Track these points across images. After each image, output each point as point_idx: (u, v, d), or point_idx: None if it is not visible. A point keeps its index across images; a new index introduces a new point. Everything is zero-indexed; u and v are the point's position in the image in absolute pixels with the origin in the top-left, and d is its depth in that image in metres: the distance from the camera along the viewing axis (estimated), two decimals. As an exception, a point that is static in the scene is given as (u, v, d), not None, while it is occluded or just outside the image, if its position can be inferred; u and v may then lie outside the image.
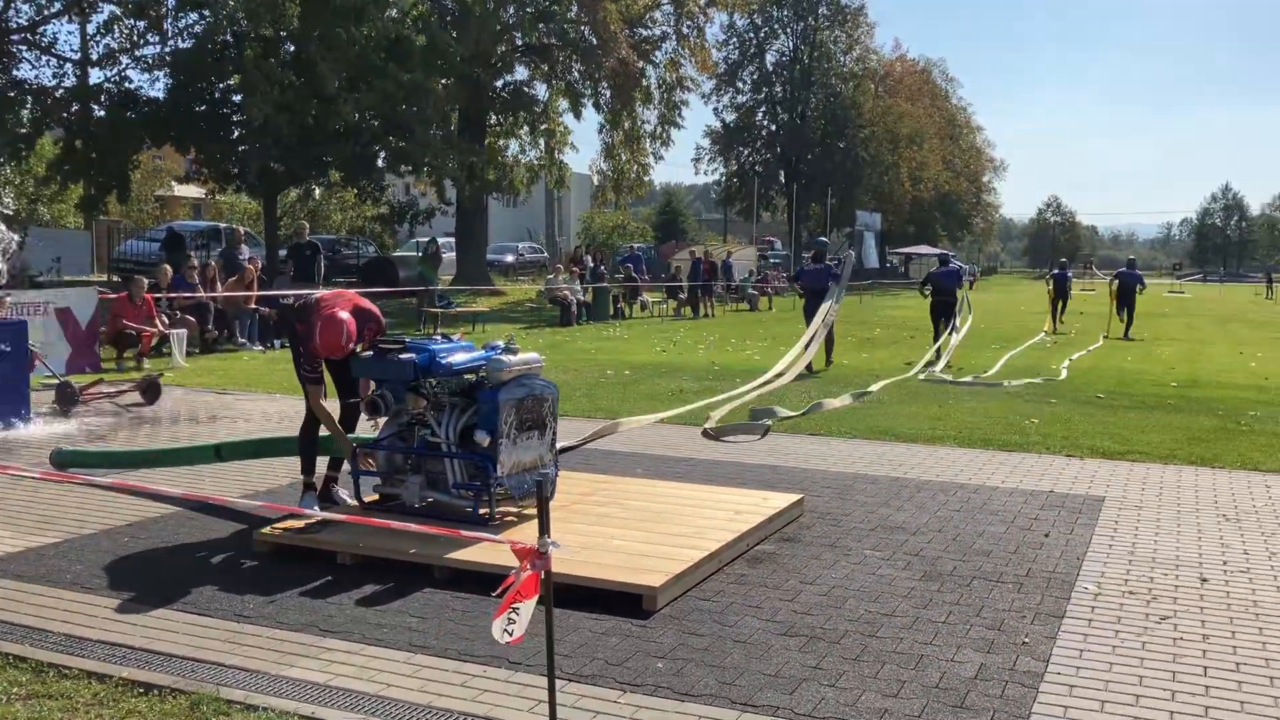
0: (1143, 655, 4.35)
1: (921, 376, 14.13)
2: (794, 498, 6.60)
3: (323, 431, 6.34)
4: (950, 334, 16.41)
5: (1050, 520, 6.56)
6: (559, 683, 3.62)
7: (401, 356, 5.94)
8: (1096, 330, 24.17)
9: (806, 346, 13.43)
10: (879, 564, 5.57)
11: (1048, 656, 4.32)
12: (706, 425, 9.73)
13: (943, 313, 16.95)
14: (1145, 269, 28.30)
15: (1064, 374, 14.78)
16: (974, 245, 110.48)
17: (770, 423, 9.92)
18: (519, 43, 33.00)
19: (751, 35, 67.72)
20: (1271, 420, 10.66)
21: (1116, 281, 25.24)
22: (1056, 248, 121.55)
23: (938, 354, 15.79)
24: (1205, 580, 5.37)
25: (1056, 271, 27.17)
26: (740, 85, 68.96)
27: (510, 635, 3.03)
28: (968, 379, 13.89)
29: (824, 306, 14.20)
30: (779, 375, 12.39)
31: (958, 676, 4.10)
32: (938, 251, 38.77)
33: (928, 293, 17.59)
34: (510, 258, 44.89)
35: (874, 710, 3.78)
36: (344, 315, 5.88)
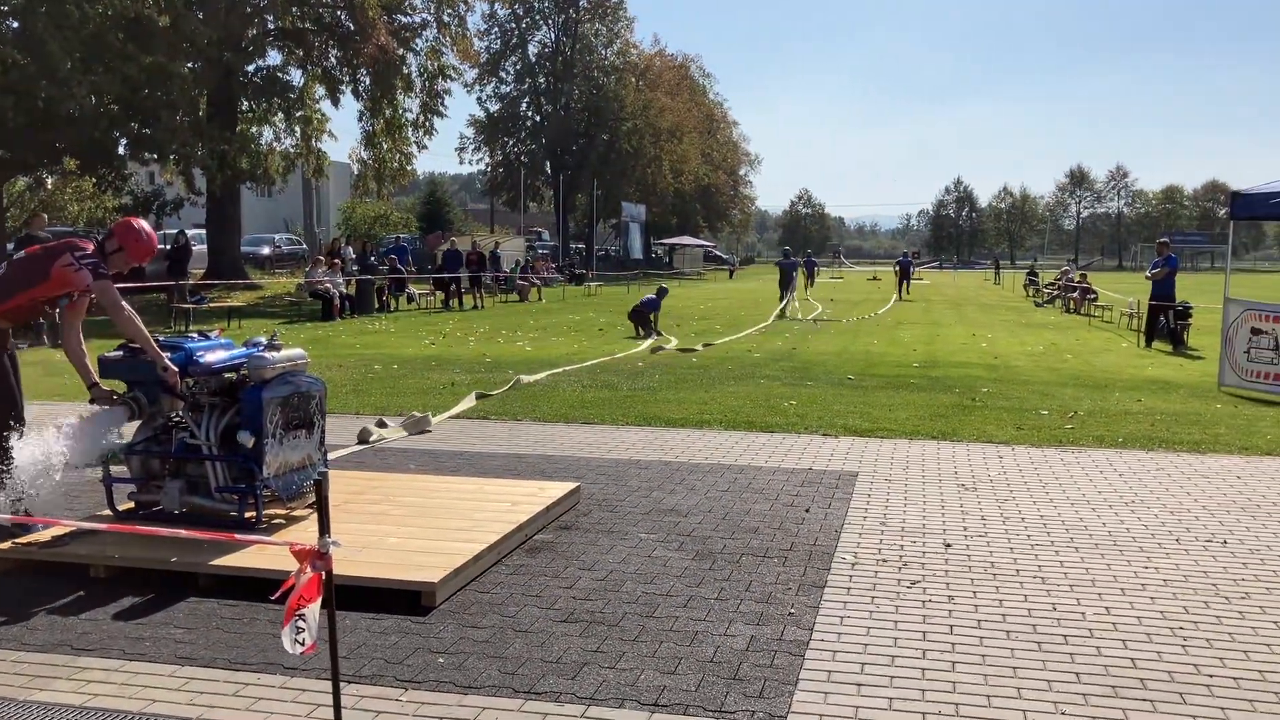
0: (896, 618, 4.68)
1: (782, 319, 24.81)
2: (570, 486, 6.68)
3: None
4: (790, 297, 28.83)
5: (810, 496, 6.93)
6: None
7: (155, 356, 5.62)
8: (879, 301, 30.90)
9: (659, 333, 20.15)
10: (654, 546, 5.73)
11: (812, 625, 4.57)
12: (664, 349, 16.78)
13: (785, 284, 29.33)
14: (889, 257, 37.91)
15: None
16: (733, 236, 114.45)
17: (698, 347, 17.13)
18: (271, 26, 31.60)
19: (513, 25, 67.54)
20: (1001, 396, 11.62)
21: (899, 266, 40.80)
22: (808, 238, 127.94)
23: (782, 312, 26.71)
24: (949, 546, 5.82)
25: (902, 258, 42.77)
26: (503, 75, 68.67)
27: (303, 645, 2.93)
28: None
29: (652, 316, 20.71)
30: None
31: (731, 649, 4.29)
32: (704, 243, 52.77)
33: (778, 267, 30.95)
34: (267, 250, 42.95)
35: (653, 688, 3.91)
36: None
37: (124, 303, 5.62)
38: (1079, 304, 29.76)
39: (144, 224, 5.92)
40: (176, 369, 5.55)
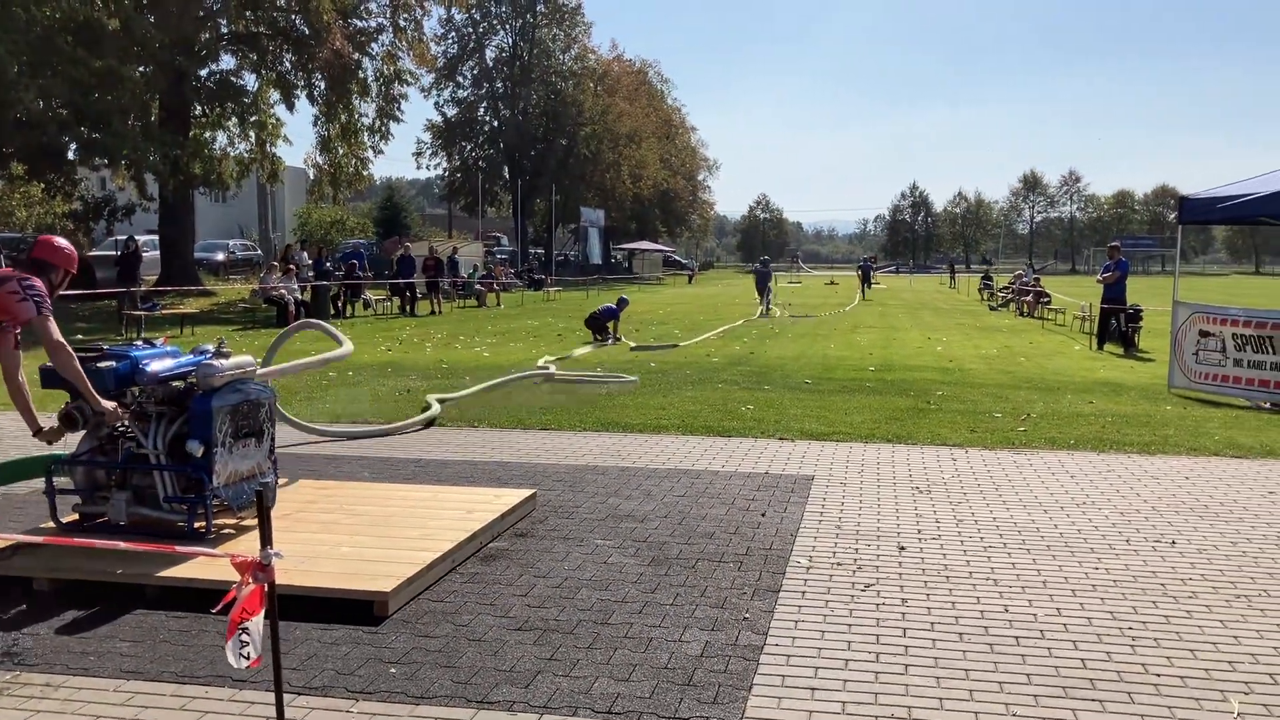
0: (850, 622, 4.69)
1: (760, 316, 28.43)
2: (526, 493, 6.65)
3: None
4: (767, 298, 32.02)
5: (766, 500, 6.94)
6: (288, 696, 3.49)
7: (99, 365, 5.52)
8: (837, 304, 33.84)
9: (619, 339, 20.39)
10: (610, 553, 5.71)
11: (767, 629, 4.57)
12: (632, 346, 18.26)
13: (760, 287, 33.17)
14: (847, 262, 39.88)
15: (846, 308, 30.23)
16: (692, 241, 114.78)
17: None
18: (225, 30, 31.26)
19: (470, 30, 67.35)
20: (955, 399, 11.72)
21: (860, 270, 48.09)
22: (766, 243, 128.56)
23: (766, 310, 30.43)
24: (903, 549, 5.85)
25: (863, 263, 50.79)
26: (461, 80, 68.48)
27: (248, 659, 2.88)
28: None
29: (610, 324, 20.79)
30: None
31: (685, 655, 4.28)
32: (663, 248, 57.44)
33: (754, 273, 34.58)
34: (221, 256, 42.48)
35: (606, 696, 3.89)
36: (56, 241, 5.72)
37: (64, 340, 5.36)
38: (1032, 307, 30.09)
39: (56, 237, 5.79)
40: (113, 406, 5.44)
